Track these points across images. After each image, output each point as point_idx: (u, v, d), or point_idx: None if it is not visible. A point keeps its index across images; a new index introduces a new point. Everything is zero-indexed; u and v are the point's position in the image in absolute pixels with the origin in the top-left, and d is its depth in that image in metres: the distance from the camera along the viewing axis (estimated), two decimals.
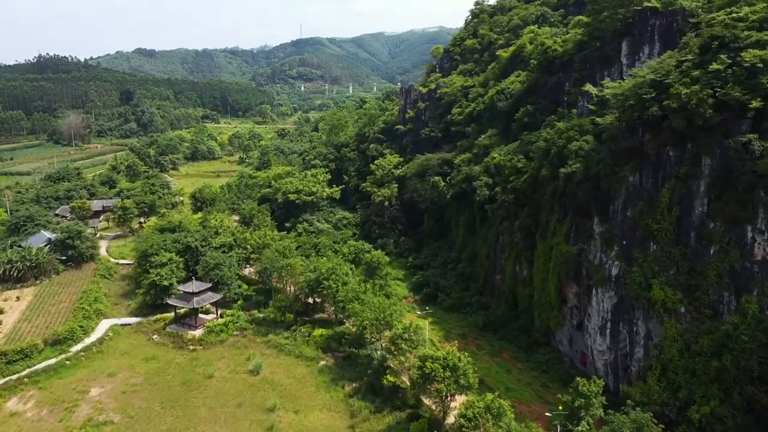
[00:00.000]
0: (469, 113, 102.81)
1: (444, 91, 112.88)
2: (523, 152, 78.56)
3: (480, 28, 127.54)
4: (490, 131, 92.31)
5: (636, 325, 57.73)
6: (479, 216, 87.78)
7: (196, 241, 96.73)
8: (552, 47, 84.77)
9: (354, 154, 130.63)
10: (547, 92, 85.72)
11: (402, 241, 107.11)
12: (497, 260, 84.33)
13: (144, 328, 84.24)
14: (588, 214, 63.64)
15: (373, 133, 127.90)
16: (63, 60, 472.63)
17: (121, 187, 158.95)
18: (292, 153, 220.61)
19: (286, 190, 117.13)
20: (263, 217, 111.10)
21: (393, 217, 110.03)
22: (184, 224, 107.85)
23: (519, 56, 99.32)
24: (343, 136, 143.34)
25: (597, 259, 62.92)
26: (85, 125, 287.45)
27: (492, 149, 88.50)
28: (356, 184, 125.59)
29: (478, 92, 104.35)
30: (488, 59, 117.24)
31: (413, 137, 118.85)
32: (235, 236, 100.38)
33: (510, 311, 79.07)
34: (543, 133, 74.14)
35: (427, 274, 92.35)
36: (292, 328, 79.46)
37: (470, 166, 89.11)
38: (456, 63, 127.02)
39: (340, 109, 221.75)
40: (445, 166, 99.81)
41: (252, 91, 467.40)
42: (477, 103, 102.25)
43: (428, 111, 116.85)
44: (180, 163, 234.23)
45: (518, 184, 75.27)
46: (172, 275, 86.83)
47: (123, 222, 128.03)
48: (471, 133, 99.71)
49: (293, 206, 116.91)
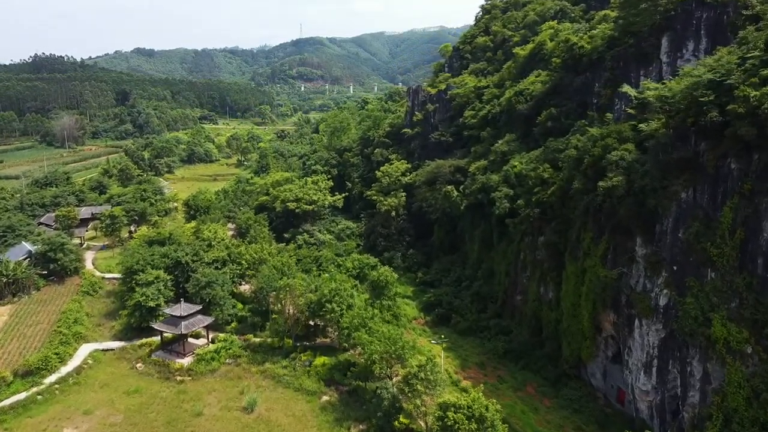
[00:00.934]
0: (484, 116, 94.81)
1: (455, 92, 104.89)
2: (549, 161, 70.57)
3: (492, 24, 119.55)
4: (507, 136, 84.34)
5: (690, 365, 49.73)
6: (497, 230, 79.83)
7: (187, 256, 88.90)
8: (578, 44, 76.77)
9: (357, 160, 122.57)
10: (572, 93, 77.74)
11: (410, 254, 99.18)
12: (518, 279, 76.37)
13: (128, 354, 76.37)
14: (629, 234, 55.70)
15: (378, 136, 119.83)
16: (59, 60, 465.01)
17: (111, 193, 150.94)
18: (291, 156, 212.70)
19: (285, 198, 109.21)
20: (260, 228, 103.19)
21: (400, 228, 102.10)
22: (175, 236, 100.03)
23: (538, 54, 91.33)
24: (345, 140, 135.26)
25: (640, 285, 54.95)
26: (78, 126, 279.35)
27: (511, 156, 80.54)
28: (360, 191, 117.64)
29: (493, 93, 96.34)
30: (502, 58, 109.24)
31: (421, 141, 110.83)
32: (229, 250, 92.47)
33: (533, 337, 71.16)
34: (572, 140, 66.16)
35: (439, 292, 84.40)
36: (291, 355, 71.67)
37: (487, 174, 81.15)
38: (467, 62, 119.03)
39: (341, 111, 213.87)
40: (458, 174, 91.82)
41: (251, 92, 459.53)
42: (492, 105, 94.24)
43: (438, 113, 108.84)
44: (176, 166, 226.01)
45: (544, 196, 67.28)
46: (159, 295, 78.93)
47: (111, 232, 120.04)
48: (486, 137, 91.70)
49: (293, 216, 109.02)
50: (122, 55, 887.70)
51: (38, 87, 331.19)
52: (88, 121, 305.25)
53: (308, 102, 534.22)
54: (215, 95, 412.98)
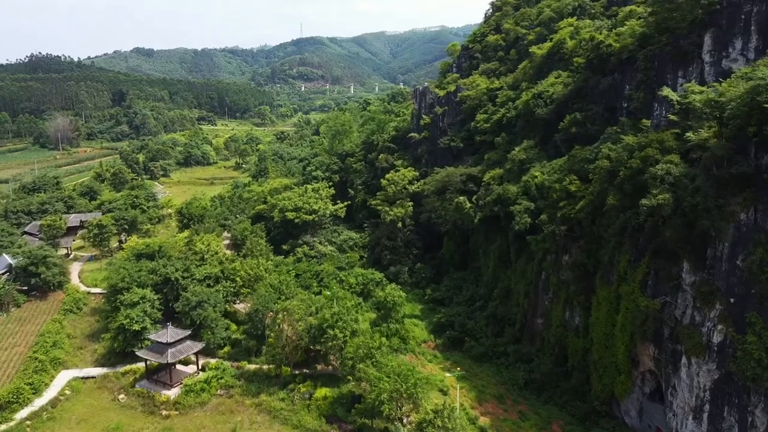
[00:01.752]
0: (498, 120, 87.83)
1: (466, 94, 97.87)
2: (576, 172, 63.63)
3: (504, 22, 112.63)
4: (525, 143, 77.42)
5: (752, 414, 42.81)
6: (515, 246, 72.90)
7: (177, 272, 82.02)
8: (605, 42, 69.81)
9: (360, 165, 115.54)
10: (598, 96, 70.79)
11: (418, 268, 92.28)
12: (539, 301, 69.45)
13: (110, 382, 69.58)
14: (675, 258, 48.79)
15: (383, 141, 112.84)
16: (55, 59, 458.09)
17: (102, 199, 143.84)
18: (291, 159, 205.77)
19: (284, 207, 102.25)
20: (257, 240, 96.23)
21: (407, 240, 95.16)
22: (165, 248, 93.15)
23: (557, 54, 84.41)
24: (348, 144, 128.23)
25: (687, 317, 48.04)
26: (73, 128, 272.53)
27: (530, 165, 73.62)
28: (363, 199, 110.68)
29: (508, 96, 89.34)
30: (516, 57, 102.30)
31: (429, 147, 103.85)
32: (223, 266, 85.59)
33: (558, 367, 64.24)
34: (603, 149, 59.22)
35: (450, 312, 77.48)
36: (289, 386, 64.86)
37: (504, 185, 74.22)
38: (476, 62, 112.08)
39: (342, 112, 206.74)
40: (471, 183, 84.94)
41: (250, 92, 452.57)
42: (507, 108, 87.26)
43: (447, 117, 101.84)
44: (171, 170, 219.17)
45: (571, 212, 60.36)
46: (145, 317, 72.11)
47: (99, 242, 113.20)
48: (501, 144, 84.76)
49: (292, 226, 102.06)
50: (121, 55, 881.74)
51: (33, 87, 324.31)
52: (83, 123, 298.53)
53: (308, 102, 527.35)
54: (214, 95, 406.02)
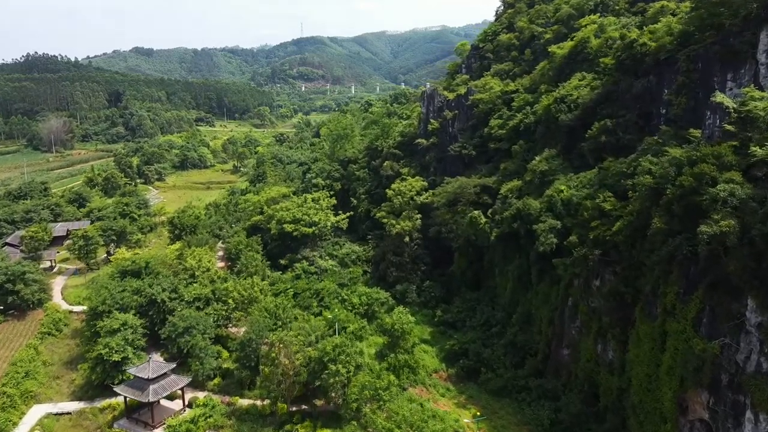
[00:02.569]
0: (514, 126, 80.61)
1: (478, 97, 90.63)
2: (609, 187, 56.44)
3: (517, 20, 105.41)
4: (546, 152, 70.23)
5: None
6: (537, 266, 65.68)
7: (164, 293, 74.94)
8: (639, 41, 62.54)
9: (364, 173, 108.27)
10: (631, 101, 63.56)
11: (427, 286, 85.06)
12: (565, 330, 62.22)
13: (86, 420, 62.47)
14: (737, 294, 41.59)
15: (388, 147, 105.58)
16: (52, 59, 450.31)
17: (91, 206, 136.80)
18: (290, 162, 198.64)
19: (282, 218, 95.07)
20: (252, 254, 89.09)
21: (414, 255, 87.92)
22: (153, 264, 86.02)
23: (581, 53, 77.22)
24: (350, 149, 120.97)
25: (753, 364, 40.84)
26: (67, 129, 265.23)
27: (554, 177, 66.41)
28: (367, 209, 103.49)
29: (525, 99, 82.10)
30: (531, 58, 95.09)
31: (438, 154, 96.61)
32: (214, 285, 78.41)
33: (588, 406, 56.93)
34: (643, 163, 51.99)
35: (464, 339, 70.21)
36: (285, 427, 57.73)
37: (524, 199, 66.97)
38: (488, 62, 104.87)
39: (344, 115, 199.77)
40: (485, 195, 77.76)
41: (250, 92, 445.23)
42: (524, 113, 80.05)
43: (457, 122, 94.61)
44: (167, 174, 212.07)
45: (606, 233, 53.13)
46: (126, 347, 64.90)
47: (85, 254, 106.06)
48: (518, 152, 77.54)
49: (290, 238, 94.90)
50: (120, 55, 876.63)
51: (27, 88, 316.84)
52: (77, 124, 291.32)
53: (309, 103, 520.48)
54: (212, 96, 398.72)
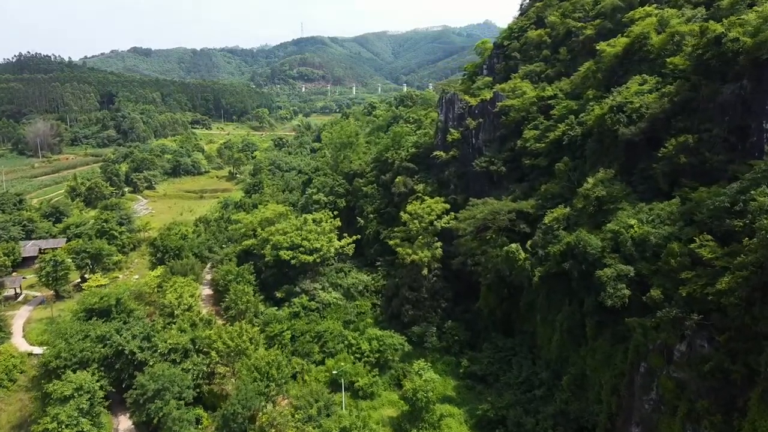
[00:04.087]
0: (556, 139, 67.31)
1: (508, 103, 77.34)
2: (702, 225, 43.18)
3: (547, 13, 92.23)
4: (602, 172, 56.87)
5: None
6: (595, 319, 52.39)
7: (134, 342, 61.71)
8: (728, 36, 49.28)
9: (372, 189, 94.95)
10: (717, 112, 50.32)
11: (449, 327, 71.80)
12: (635, 404, 48.86)
13: None
14: None
15: (400, 159, 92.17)
16: (45, 59, 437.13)
17: (68, 222, 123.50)
18: (289, 170, 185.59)
19: (278, 243, 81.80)
20: (242, 288, 75.85)
21: (434, 290, 74.69)
22: (126, 300, 72.86)
23: (639, 52, 64.01)
24: (355, 160, 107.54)
25: None
26: (54, 133, 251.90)
27: (616, 206, 53.11)
28: (376, 230, 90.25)
29: (568, 107, 68.72)
30: (567, 57, 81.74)
31: (459, 169, 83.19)
32: (195, 331, 65.12)
33: None
34: (758, 196, 38.70)
35: (500, 403, 56.79)
36: None
37: (577, 232, 53.68)
38: (514, 63, 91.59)
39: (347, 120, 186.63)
40: (522, 223, 64.50)
41: (248, 93, 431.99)
42: (568, 124, 66.71)
43: (482, 132, 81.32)
44: (158, 181, 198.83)
45: (706, 290, 39.83)
46: (80, 419, 51.65)
47: (54, 281, 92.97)
48: (562, 171, 64.19)
49: (287, 266, 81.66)
50: (118, 55, 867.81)
51: (15, 89, 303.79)
52: (66, 127, 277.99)
53: (309, 104, 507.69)
54: (209, 97, 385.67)
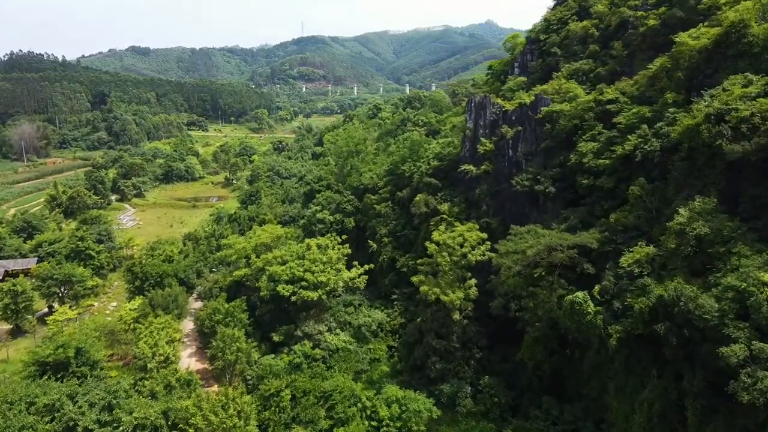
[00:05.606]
0: (625, 155, 53.79)
1: (556, 108, 63.72)
2: None
3: (592, 1, 78.98)
4: (699, 200, 43.31)
5: None
6: (700, 402, 38.74)
7: (91, 414, 48.05)
8: None
9: (386, 208, 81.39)
10: None
11: (486, 385, 58.11)
12: None
13: None
14: None
15: (420, 174, 78.65)
16: (37, 58, 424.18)
17: (40, 238, 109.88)
18: (289, 177, 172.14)
19: (275, 275, 68.22)
20: (232, 333, 62.20)
21: (467, 337, 61.07)
22: (89, 349, 59.30)
23: (734, 45, 50.55)
24: (365, 172, 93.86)
25: None
26: (40, 135, 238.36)
27: (728, 248, 39.53)
28: (391, 257, 76.77)
29: (639, 113, 54.99)
30: (623, 52, 68.14)
31: (493, 186, 69.49)
32: (170, 397, 51.55)
33: None
34: None
35: None
36: None
37: (675, 281, 40.12)
38: (554, 60, 78.25)
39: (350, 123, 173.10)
40: (584, 261, 50.88)
41: (247, 93, 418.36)
42: (641, 135, 53.15)
43: (522, 143, 67.66)
44: (148, 188, 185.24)
45: None
46: None
47: (13, 315, 79.63)
48: (638, 195, 50.57)
49: (286, 302, 68.14)
50: (116, 54, 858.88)
51: (3, 88, 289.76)
52: (54, 129, 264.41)
53: (310, 104, 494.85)
54: (206, 98, 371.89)
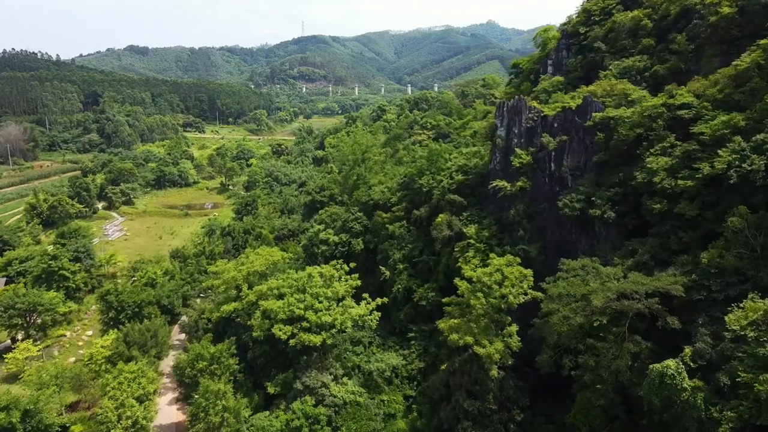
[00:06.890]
0: (714, 176, 42.55)
1: (611, 114, 52.45)
2: None
3: None
4: None
5: None
6: None
7: None
8: None
9: (401, 228, 70.10)
10: None
11: None
12: None
13: None
14: None
15: (441, 189, 67.51)
16: (30, 56, 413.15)
17: (9, 256, 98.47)
18: (288, 183, 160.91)
19: (271, 312, 56.97)
20: (218, 390, 50.95)
21: (505, 396, 49.82)
22: (40, 409, 48.13)
23: None
24: (375, 184, 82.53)
25: None
26: (27, 137, 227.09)
27: None
28: (407, 286, 65.52)
29: (732, 122, 43.85)
30: (687, 47, 57.04)
31: (531, 207, 58.28)
32: None
33: None
34: None
35: None
36: None
37: None
38: (598, 56, 67.23)
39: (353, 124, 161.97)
40: (667, 311, 39.66)
41: (246, 94, 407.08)
42: (735, 150, 41.85)
43: (568, 155, 56.38)
44: (138, 195, 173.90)
45: None
46: None
47: None
48: (735, 229, 39.40)
49: (284, 344, 56.90)
50: (114, 53, 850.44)
51: None
52: (44, 130, 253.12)
53: (310, 105, 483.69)
54: (204, 98, 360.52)
